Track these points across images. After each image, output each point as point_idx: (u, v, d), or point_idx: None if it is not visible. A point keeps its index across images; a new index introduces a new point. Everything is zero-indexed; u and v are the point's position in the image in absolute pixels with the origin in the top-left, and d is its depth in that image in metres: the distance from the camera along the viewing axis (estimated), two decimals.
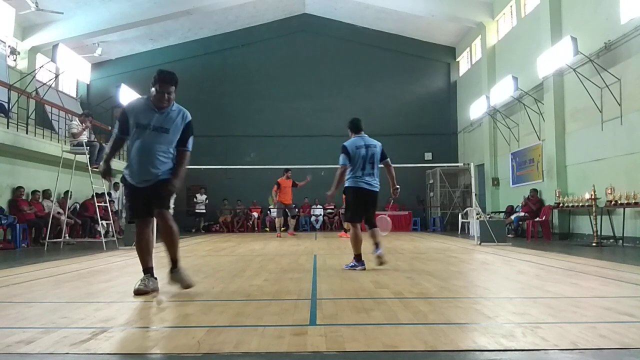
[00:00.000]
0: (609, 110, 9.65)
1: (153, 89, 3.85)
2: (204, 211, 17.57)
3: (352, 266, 5.43)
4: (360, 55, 19.40)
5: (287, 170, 12.82)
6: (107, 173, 4.09)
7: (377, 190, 5.55)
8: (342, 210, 14.27)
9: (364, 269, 5.29)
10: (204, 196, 17.57)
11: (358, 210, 5.53)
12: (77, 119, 10.40)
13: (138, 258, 4.03)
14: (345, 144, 5.52)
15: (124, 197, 4.07)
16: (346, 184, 5.55)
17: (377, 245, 5.45)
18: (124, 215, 12.62)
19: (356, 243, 5.42)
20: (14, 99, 11.92)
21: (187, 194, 18.77)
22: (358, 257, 5.42)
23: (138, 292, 3.76)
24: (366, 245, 5.53)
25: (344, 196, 5.77)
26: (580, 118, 10.80)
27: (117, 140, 4.01)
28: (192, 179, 17.39)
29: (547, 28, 11.70)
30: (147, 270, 3.97)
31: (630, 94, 9.12)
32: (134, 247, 4.12)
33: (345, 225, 11.21)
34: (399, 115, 18.95)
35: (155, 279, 3.97)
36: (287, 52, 19.44)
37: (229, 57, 19.39)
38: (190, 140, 4.05)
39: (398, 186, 5.79)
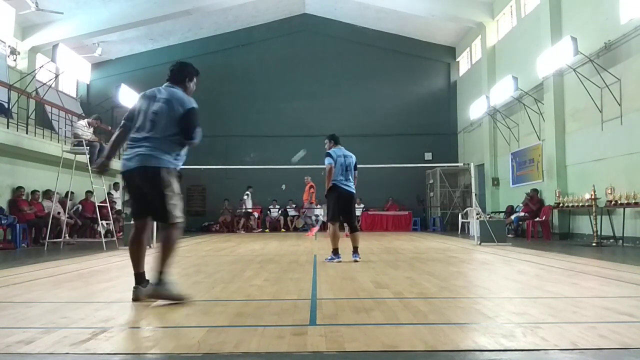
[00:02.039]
0: (609, 110, 9.65)
1: (192, 83, 3.83)
2: (251, 210, 17.51)
3: (330, 259, 6.30)
4: (360, 55, 19.39)
5: None
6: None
7: (354, 192, 6.50)
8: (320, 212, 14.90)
9: (340, 261, 6.18)
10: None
11: (336, 211, 6.41)
12: (86, 120, 10.36)
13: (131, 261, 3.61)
14: (329, 151, 6.49)
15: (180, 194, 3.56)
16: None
17: (355, 249, 6.35)
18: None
19: (334, 239, 6.38)
20: (14, 99, 11.92)
21: (187, 194, 18.79)
22: (335, 251, 6.35)
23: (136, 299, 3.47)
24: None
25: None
26: (580, 118, 10.80)
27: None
28: (192, 179, 17.43)
29: (547, 28, 11.70)
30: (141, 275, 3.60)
31: (630, 94, 9.12)
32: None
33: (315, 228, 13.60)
34: (399, 115, 18.94)
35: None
36: (287, 52, 19.43)
37: (229, 57, 19.38)
38: None
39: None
